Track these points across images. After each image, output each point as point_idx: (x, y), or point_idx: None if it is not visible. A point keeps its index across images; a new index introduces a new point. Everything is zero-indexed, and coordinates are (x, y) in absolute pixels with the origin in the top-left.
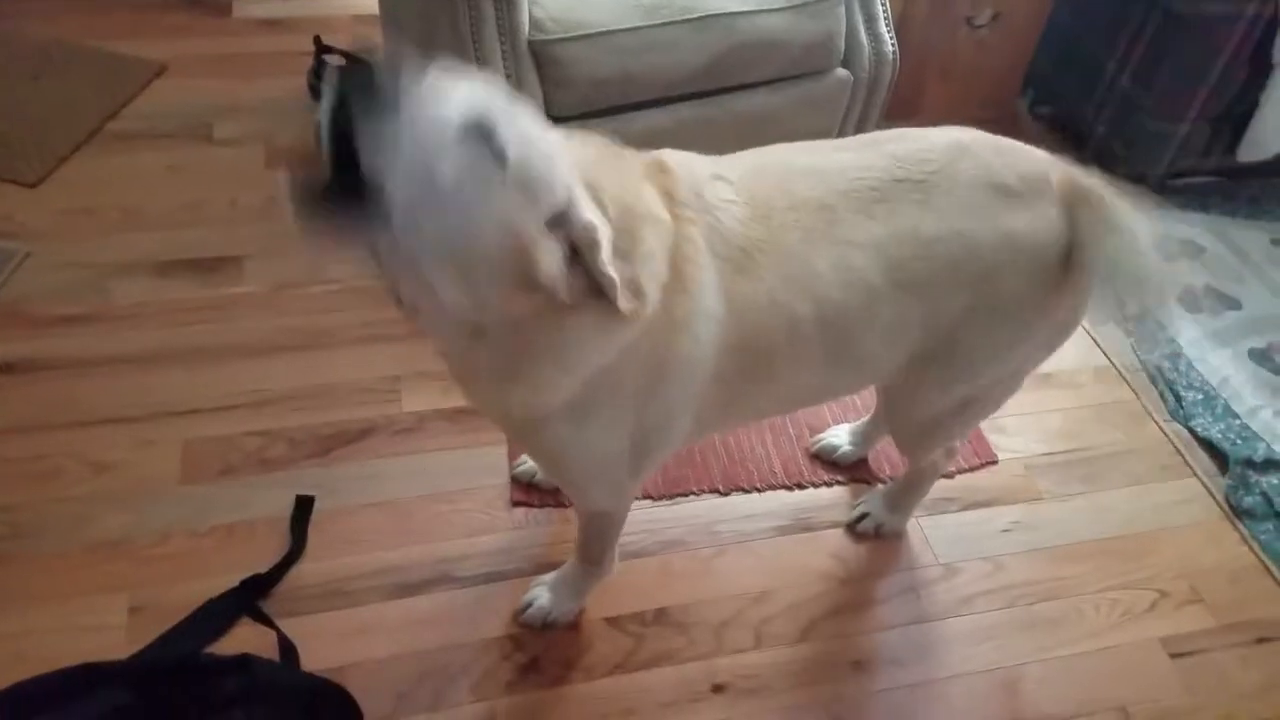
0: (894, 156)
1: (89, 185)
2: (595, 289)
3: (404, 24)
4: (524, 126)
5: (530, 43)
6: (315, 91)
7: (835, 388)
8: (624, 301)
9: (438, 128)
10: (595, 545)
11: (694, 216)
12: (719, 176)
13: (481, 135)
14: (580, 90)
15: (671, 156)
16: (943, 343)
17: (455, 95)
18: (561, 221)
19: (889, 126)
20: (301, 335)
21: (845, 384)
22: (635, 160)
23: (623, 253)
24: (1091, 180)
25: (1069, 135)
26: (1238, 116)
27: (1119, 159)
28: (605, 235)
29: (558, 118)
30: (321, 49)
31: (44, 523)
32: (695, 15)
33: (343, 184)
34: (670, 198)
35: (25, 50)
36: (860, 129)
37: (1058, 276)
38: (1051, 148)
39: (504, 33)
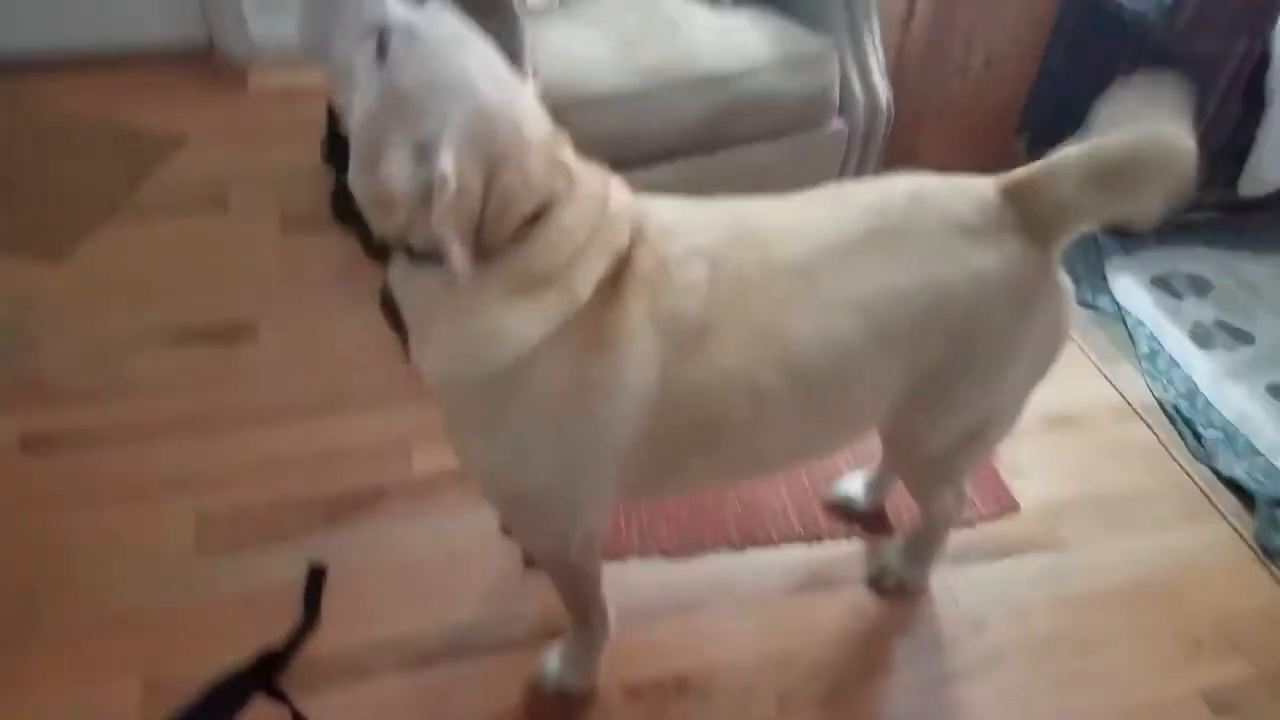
0: (863, 208)
1: (109, 258)
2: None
3: None
4: (429, 58)
5: None
6: (329, 159)
7: (817, 448)
8: (454, 266)
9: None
10: (572, 601)
11: (646, 291)
12: (698, 251)
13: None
14: (584, 150)
15: (660, 216)
16: (927, 383)
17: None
18: (425, 154)
19: (887, 173)
20: (314, 400)
21: (829, 442)
22: (618, 217)
23: (482, 241)
24: (1027, 170)
25: None
26: (1236, 151)
27: None
28: (452, 188)
29: None
30: (334, 117)
31: (58, 597)
32: (692, 76)
33: None
34: (631, 269)
35: (47, 126)
36: (859, 176)
37: (1032, 300)
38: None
39: None
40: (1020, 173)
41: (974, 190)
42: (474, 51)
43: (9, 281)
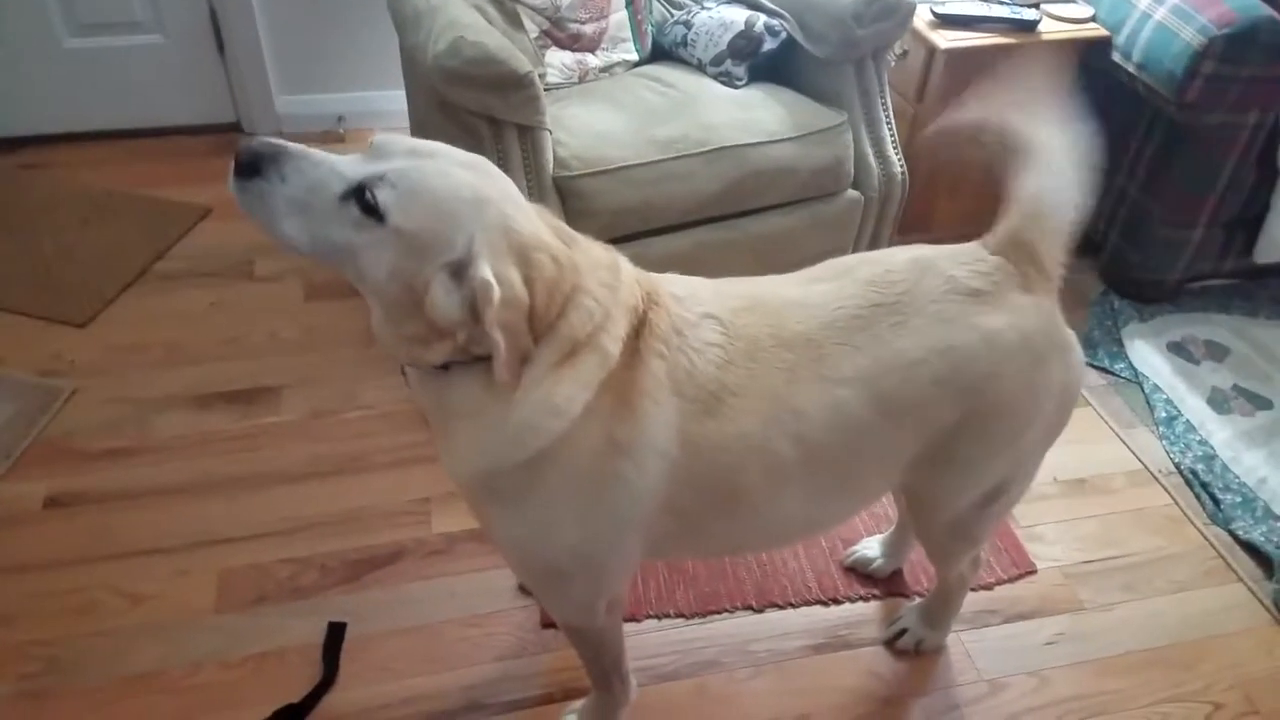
0: (866, 282)
1: (135, 323)
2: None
3: None
4: (421, 189)
5: (555, 179)
6: None
7: (826, 520)
8: (502, 369)
9: (305, 174)
10: (593, 666)
11: (665, 352)
12: (711, 316)
13: (357, 196)
14: (603, 219)
15: (670, 287)
16: (940, 449)
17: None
18: (461, 272)
19: (902, 242)
20: (334, 461)
21: (838, 514)
22: (630, 280)
23: (537, 330)
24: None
25: (1084, 243)
26: (1251, 219)
27: (1134, 265)
28: (498, 295)
29: None
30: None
31: (80, 656)
32: (709, 148)
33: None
34: (649, 329)
35: (75, 197)
36: (874, 246)
37: (1045, 355)
38: (1065, 256)
39: (530, 170)
40: (1001, 229)
41: (971, 254)
42: (452, 159)
43: (37, 345)
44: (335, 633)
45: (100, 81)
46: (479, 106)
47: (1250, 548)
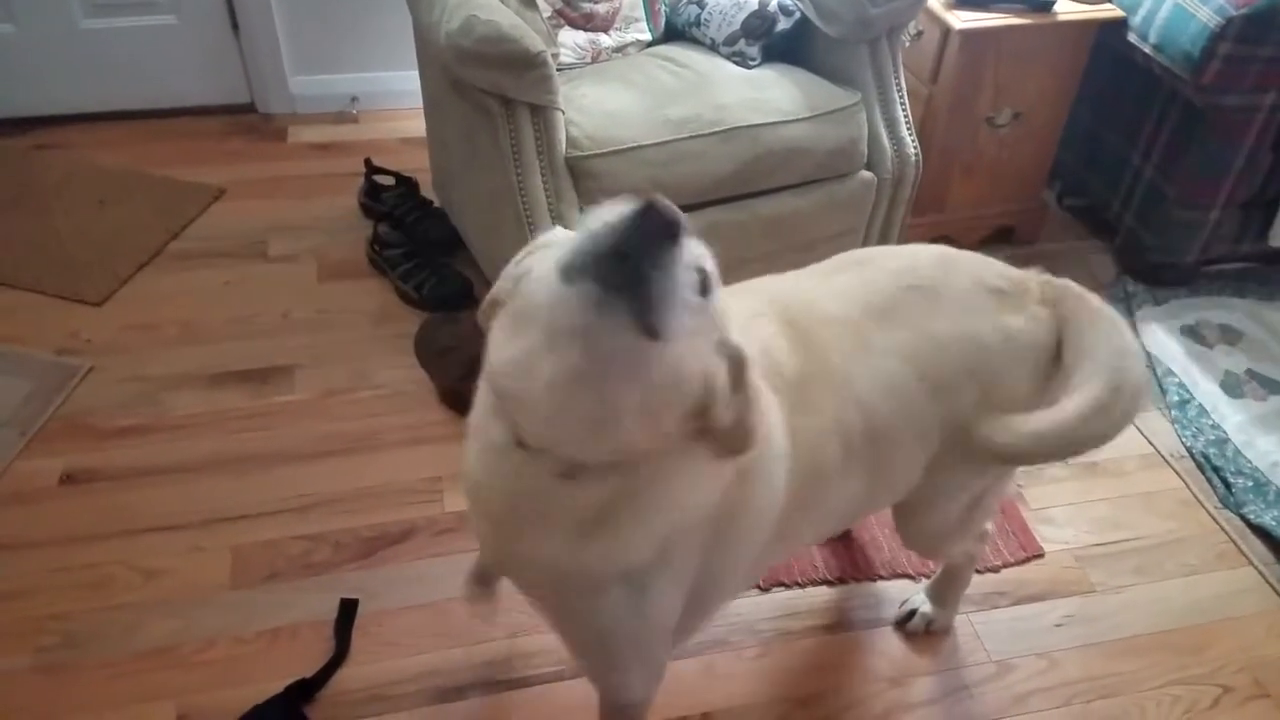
0: (895, 271)
1: (150, 302)
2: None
3: (450, 145)
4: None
5: (567, 159)
6: (366, 210)
7: (877, 498)
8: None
9: (688, 269)
10: None
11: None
12: (757, 314)
13: (694, 269)
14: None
15: None
16: (954, 446)
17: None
18: (722, 344)
19: (917, 223)
20: (347, 440)
21: (885, 492)
22: None
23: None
24: (1065, 281)
25: (1099, 225)
26: (1268, 202)
27: (1149, 248)
28: (750, 355)
29: None
30: (372, 170)
31: (95, 631)
32: (721, 128)
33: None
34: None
35: (92, 178)
36: (887, 227)
37: (1050, 370)
38: (1081, 237)
39: (542, 151)
40: (1062, 282)
41: (998, 264)
42: None
43: (54, 324)
44: (347, 609)
45: (115, 62)
46: (491, 86)
47: (1261, 532)
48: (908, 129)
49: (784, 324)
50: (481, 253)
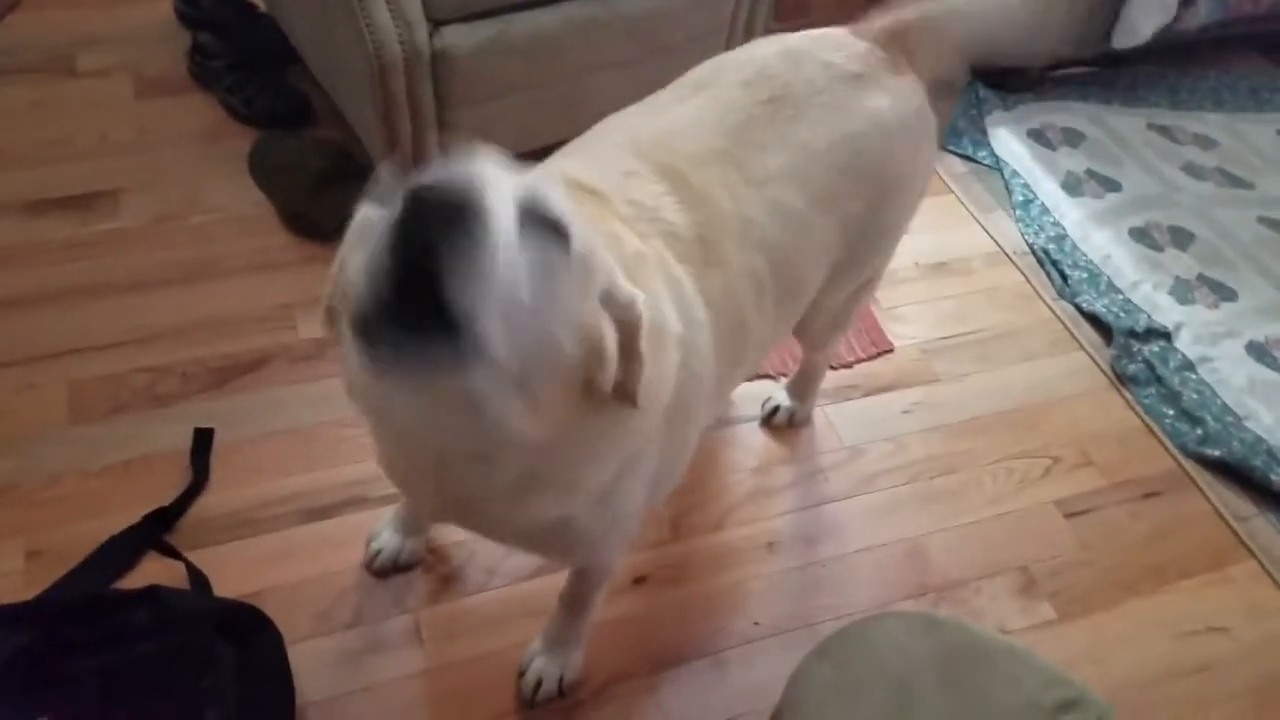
0: (744, 84)
1: None
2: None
3: None
4: (557, 193)
5: None
6: (183, 17)
7: (781, 332)
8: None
9: (508, 242)
10: (594, 594)
11: (648, 229)
12: (630, 172)
13: (537, 221)
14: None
15: (581, 173)
16: (854, 248)
17: (503, 190)
18: (608, 299)
19: (780, 28)
20: (185, 268)
21: (789, 325)
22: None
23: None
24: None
25: None
26: (1111, 3)
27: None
28: (646, 308)
29: (437, 20)
30: None
31: None
32: None
33: (414, 318)
34: (621, 221)
35: None
36: (750, 28)
37: (921, 132)
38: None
39: None
40: (883, 23)
41: (838, 40)
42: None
43: None
44: (203, 437)
45: None
46: None
47: (1093, 318)
48: None
49: (661, 175)
50: (318, 67)
